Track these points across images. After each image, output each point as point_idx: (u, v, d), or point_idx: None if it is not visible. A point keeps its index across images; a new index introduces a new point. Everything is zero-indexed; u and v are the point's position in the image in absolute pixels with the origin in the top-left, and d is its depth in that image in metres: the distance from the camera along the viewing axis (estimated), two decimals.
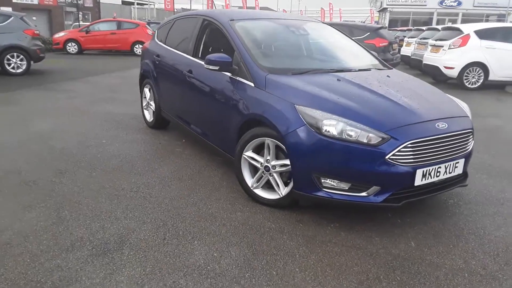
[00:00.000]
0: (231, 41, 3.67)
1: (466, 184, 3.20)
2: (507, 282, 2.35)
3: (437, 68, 9.51)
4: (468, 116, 3.13)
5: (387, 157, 2.64)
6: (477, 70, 9.36)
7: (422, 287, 2.28)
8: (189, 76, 4.11)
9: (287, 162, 2.99)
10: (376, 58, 4.11)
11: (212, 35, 4.32)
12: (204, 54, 4.23)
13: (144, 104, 5.63)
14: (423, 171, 2.74)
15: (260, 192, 3.25)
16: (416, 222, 3.03)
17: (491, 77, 9.34)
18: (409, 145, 2.67)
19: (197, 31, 4.30)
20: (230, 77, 3.52)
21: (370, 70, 3.73)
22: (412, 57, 12.15)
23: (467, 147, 3.03)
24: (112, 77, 10.70)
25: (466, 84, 9.47)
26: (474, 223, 3.04)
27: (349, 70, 3.60)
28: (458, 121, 2.98)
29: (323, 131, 2.74)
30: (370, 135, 2.68)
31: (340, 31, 4.40)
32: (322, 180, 2.80)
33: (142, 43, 17.66)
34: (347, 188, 2.78)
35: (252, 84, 3.28)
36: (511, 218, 3.14)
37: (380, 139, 2.66)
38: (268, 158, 3.12)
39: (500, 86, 9.82)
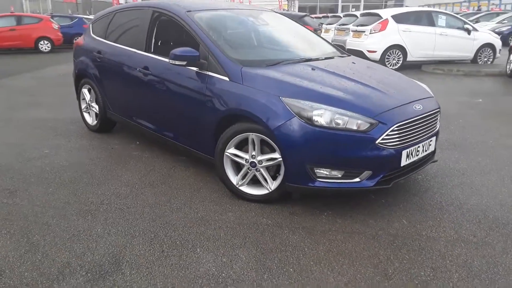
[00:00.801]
0: (193, 34, 3.48)
1: (436, 160, 3.44)
2: (498, 245, 2.58)
3: (360, 52, 10.07)
4: (433, 96, 3.34)
5: (377, 141, 2.72)
6: (397, 52, 10.10)
7: (431, 262, 2.41)
8: (145, 73, 3.83)
9: (275, 155, 2.94)
10: (333, 46, 4.20)
11: (166, 28, 4.07)
12: (159, 49, 3.99)
13: (83, 107, 5.14)
14: (407, 151, 2.88)
15: (247, 189, 3.16)
16: (399, 201, 3.19)
17: (409, 58, 10.15)
18: (395, 129, 2.78)
19: (147, 24, 4.01)
20: (197, 72, 3.34)
21: (333, 58, 3.80)
22: (332, 43, 12.71)
23: (437, 126, 3.25)
24: (24, 79, 9.62)
25: (388, 65, 10.18)
26: (448, 195, 3.29)
27: (317, 59, 3.62)
28: (428, 102, 3.17)
29: (314, 121, 2.73)
30: (359, 121, 2.73)
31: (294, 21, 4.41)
32: (316, 171, 2.81)
33: (47, 39, 16.16)
34: (340, 175, 2.82)
35: (227, 79, 3.15)
36: (475, 186, 3.44)
37: (369, 124, 2.73)
38: (254, 153, 3.04)
39: (417, 66, 10.71)
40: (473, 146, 4.47)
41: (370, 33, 10.09)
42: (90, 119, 5.06)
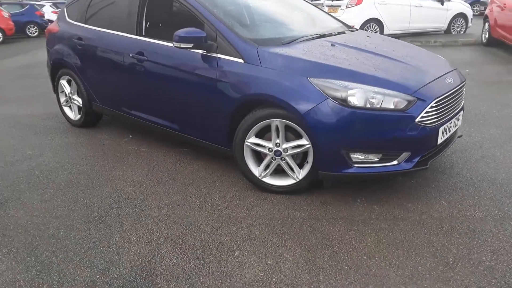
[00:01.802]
0: (196, 13, 3.12)
1: (461, 135, 3.32)
2: None
3: None
4: (457, 69, 3.18)
5: (416, 120, 2.53)
6: (374, 26, 9.99)
7: (487, 244, 2.28)
8: (140, 59, 3.45)
9: (302, 142, 2.70)
10: (339, 21, 3.95)
11: (159, 8, 3.68)
12: (153, 32, 3.61)
13: (62, 100, 4.67)
14: (443, 128, 2.71)
15: (271, 180, 2.91)
16: (429, 180, 3.05)
17: (386, 31, 10.07)
18: (434, 105, 2.60)
19: (137, 4, 3.60)
20: (205, 55, 3.02)
21: (345, 33, 3.56)
22: None
23: (463, 99, 3.10)
24: None
25: None
26: (475, 170, 3.18)
27: (330, 34, 3.37)
28: (456, 75, 3.01)
29: (349, 102, 2.50)
30: (396, 99, 2.53)
31: None
32: (352, 156, 2.60)
33: None
34: (377, 159, 2.62)
35: (241, 61, 2.85)
36: (497, 159, 3.36)
37: (407, 102, 2.53)
38: (278, 141, 2.79)
39: None
40: (478, 117, 4.40)
41: (346, 8, 9.91)
42: (72, 114, 4.61)
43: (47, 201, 2.96)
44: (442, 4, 10.44)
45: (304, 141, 2.71)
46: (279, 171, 2.91)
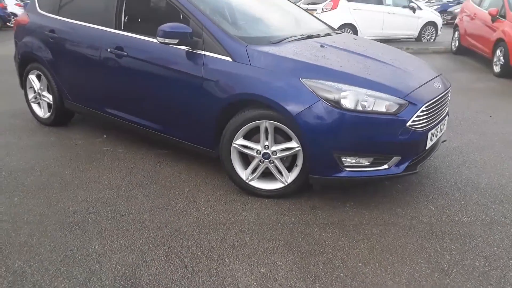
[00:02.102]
0: (181, 8, 2.99)
1: (445, 140, 3.34)
2: None
3: None
4: (442, 74, 3.21)
5: (407, 124, 2.51)
6: (348, 31, 10.09)
7: (479, 250, 2.27)
8: (119, 54, 3.27)
9: (292, 145, 2.63)
10: (323, 22, 3.92)
11: (140, 1, 3.51)
12: (133, 26, 3.43)
13: (31, 97, 4.39)
14: (431, 132, 2.71)
15: (258, 184, 2.82)
16: (414, 185, 3.04)
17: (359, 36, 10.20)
18: (424, 109, 2.59)
19: None
20: (189, 52, 2.88)
21: (331, 34, 3.52)
22: None
23: (448, 105, 3.13)
24: None
25: None
26: (458, 175, 3.21)
27: (318, 35, 3.32)
28: (442, 79, 3.03)
29: (342, 104, 2.45)
30: (388, 103, 2.50)
31: None
32: (343, 159, 2.54)
33: None
34: (368, 163, 2.58)
35: (229, 59, 2.74)
36: (478, 164, 3.41)
37: (398, 106, 2.51)
38: (266, 143, 2.70)
39: None
40: (456, 123, 4.48)
41: (322, 12, 9.97)
42: (41, 111, 4.34)
43: (16, 205, 2.74)
44: (414, 12, 10.70)
45: (294, 144, 2.63)
46: (266, 174, 2.82)
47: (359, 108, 2.45)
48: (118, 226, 2.49)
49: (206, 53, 2.83)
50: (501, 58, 6.70)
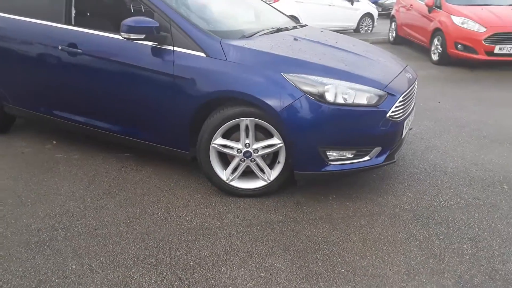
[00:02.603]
0: (145, 1, 2.77)
1: (412, 128, 3.45)
2: (503, 205, 2.66)
3: None
4: (408, 65, 3.29)
5: (388, 115, 2.54)
6: None
7: (463, 232, 2.36)
8: (73, 52, 2.97)
9: (273, 141, 2.56)
10: (285, 15, 3.86)
11: None
12: (85, 21, 3.15)
13: None
14: (406, 122, 2.77)
15: (239, 184, 2.71)
16: (388, 173, 3.11)
17: None
18: (401, 99, 2.63)
19: None
20: (156, 47, 2.69)
21: (297, 27, 3.48)
22: None
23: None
24: None
25: None
26: (425, 160, 3.33)
27: (286, 29, 3.26)
28: (410, 70, 3.11)
29: (326, 98, 2.41)
30: (368, 95, 2.50)
31: None
32: (328, 153, 2.52)
33: None
34: (351, 155, 2.57)
35: (203, 55, 2.59)
36: (441, 149, 3.57)
37: (378, 97, 2.52)
38: (247, 141, 2.60)
39: None
40: None
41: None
42: None
43: None
44: (352, 4, 11.06)
45: (276, 140, 2.56)
46: (246, 174, 2.72)
47: (341, 101, 2.43)
48: (93, 242, 2.26)
49: (176, 48, 2.65)
50: (439, 47, 7.13)
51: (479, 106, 4.81)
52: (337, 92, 2.43)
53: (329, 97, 2.41)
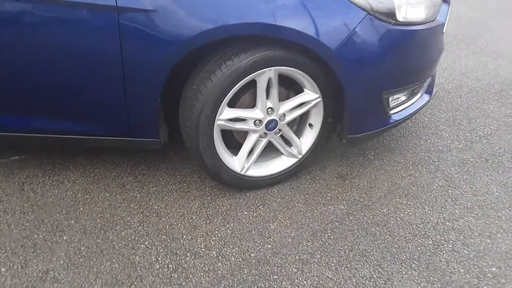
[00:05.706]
0: None
1: None
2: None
3: None
4: None
5: (444, 29, 1.83)
6: None
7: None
8: None
9: (307, 97, 1.64)
10: None
11: None
12: None
13: None
14: None
15: (255, 172, 1.75)
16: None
17: None
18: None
19: None
20: None
21: None
22: None
23: None
24: None
25: None
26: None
27: None
28: None
29: (396, 17, 1.54)
30: (425, 4, 1.70)
31: None
32: (390, 100, 1.73)
33: None
34: (406, 98, 1.84)
35: None
36: (432, 136, 2.98)
37: (435, 7, 1.75)
38: (270, 105, 1.60)
39: None
40: None
41: None
42: None
43: None
44: None
45: (310, 95, 1.63)
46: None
47: (411, 18, 1.60)
48: (85, 253, 1.09)
49: None
50: None
51: None
52: (405, 5, 1.57)
53: (400, 15, 1.54)
